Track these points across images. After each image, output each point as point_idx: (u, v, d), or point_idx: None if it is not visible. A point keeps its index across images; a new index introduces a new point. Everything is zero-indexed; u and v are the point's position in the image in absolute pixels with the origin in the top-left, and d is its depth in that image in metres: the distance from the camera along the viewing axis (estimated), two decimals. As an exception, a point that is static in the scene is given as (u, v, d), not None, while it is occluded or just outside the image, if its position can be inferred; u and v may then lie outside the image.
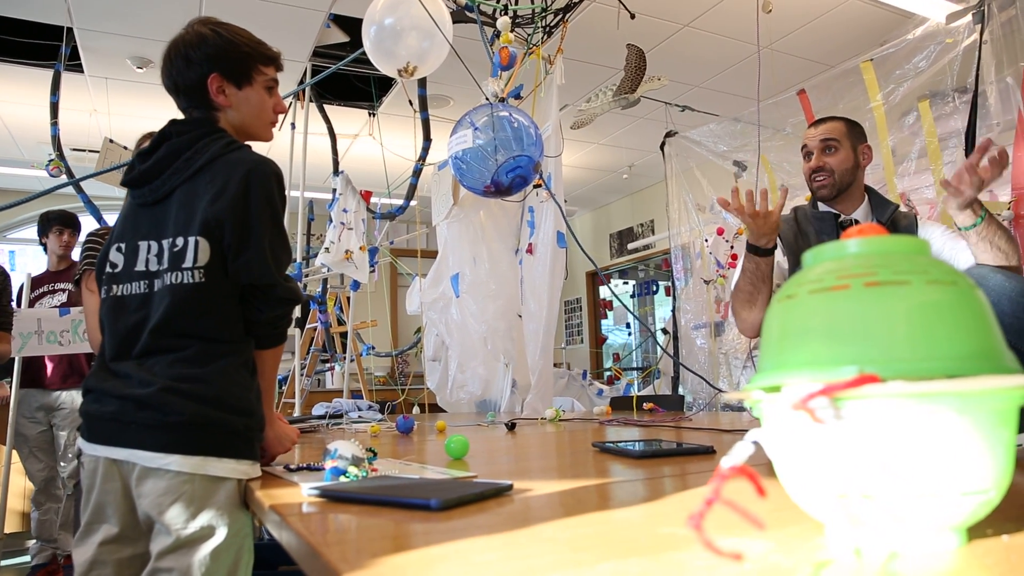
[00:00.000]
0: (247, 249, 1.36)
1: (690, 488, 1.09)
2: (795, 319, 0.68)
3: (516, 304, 3.57)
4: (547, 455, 1.75)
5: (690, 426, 2.35)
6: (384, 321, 6.74)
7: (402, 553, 0.73)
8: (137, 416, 1.30)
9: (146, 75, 4.84)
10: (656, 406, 3.27)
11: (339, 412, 2.97)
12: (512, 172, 2.31)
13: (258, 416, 1.40)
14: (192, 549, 1.27)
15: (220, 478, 1.30)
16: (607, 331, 8.66)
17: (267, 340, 1.47)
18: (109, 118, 5.52)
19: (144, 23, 4.22)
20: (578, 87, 4.87)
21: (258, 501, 1.14)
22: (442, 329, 3.80)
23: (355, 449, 1.24)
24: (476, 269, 3.58)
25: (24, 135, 5.93)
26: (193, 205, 1.38)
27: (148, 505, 1.30)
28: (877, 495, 0.59)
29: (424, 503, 0.92)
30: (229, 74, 1.47)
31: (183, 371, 1.32)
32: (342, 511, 0.98)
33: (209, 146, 1.42)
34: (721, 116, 4.70)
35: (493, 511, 0.94)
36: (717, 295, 4.32)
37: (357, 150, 5.99)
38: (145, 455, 1.30)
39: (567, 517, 0.88)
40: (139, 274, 1.41)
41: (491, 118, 2.32)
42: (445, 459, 1.59)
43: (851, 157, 2.18)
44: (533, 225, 3.32)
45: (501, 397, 3.76)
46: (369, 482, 1.13)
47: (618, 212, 8.28)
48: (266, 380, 1.48)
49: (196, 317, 1.35)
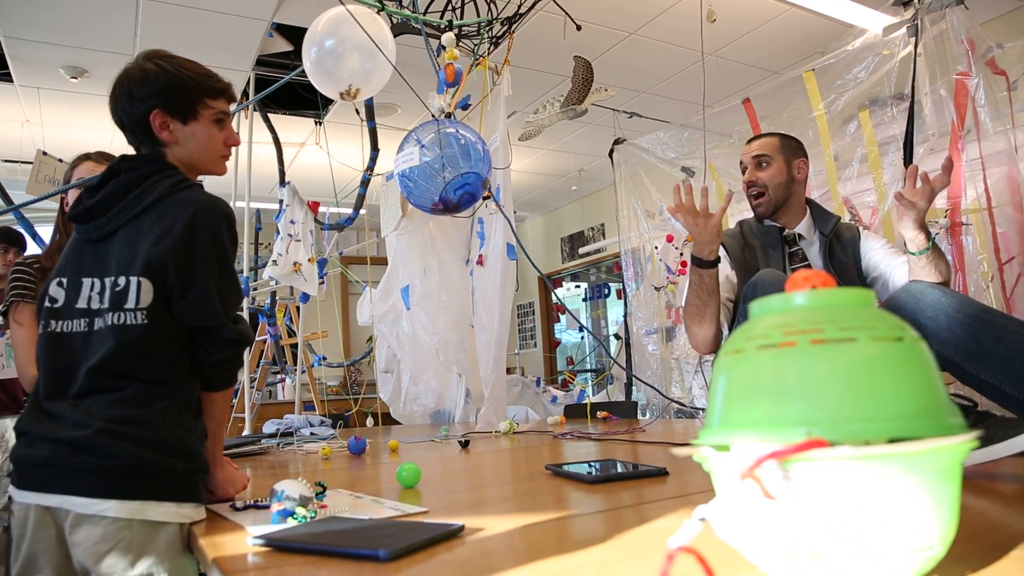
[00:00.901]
0: (191, 291, 1.32)
1: (645, 521, 1.08)
2: (742, 375, 0.68)
3: (468, 315, 3.55)
4: (501, 480, 1.74)
5: (644, 439, 2.37)
6: (335, 331, 6.65)
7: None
8: (70, 461, 1.24)
9: (80, 85, 4.67)
10: (610, 414, 3.28)
11: (290, 429, 2.91)
12: (460, 189, 2.29)
13: (201, 458, 1.35)
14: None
15: (160, 523, 1.24)
16: (560, 334, 8.70)
17: (216, 382, 1.42)
18: (42, 128, 5.32)
19: (78, 32, 4.08)
20: (526, 95, 4.88)
21: (201, 550, 1.10)
22: (393, 342, 3.76)
23: (303, 488, 1.21)
24: (427, 280, 3.54)
25: (-49, 146, 5.69)
26: (136, 245, 1.34)
27: (83, 554, 1.24)
28: (825, 555, 0.59)
29: (372, 554, 0.90)
30: (172, 109, 1.42)
31: (121, 412, 1.26)
32: (288, 562, 0.95)
33: (157, 184, 1.38)
34: (669, 123, 4.75)
35: (444, 559, 0.92)
36: (668, 300, 4.36)
37: (304, 159, 5.90)
38: (79, 501, 1.23)
39: (520, 565, 0.87)
40: (80, 311, 1.35)
41: (438, 135, 2.30)
42: (397, 488, 1.57)
43: (784, 171, 2.23)
44: (483, 236, 3.30)
45: (455, 407, 3.74)
46: (316, 526, 1.10)
47: (569, 216, 8.32)
48: (215, 422, 1.44)
49: (137, 359, 1.30)
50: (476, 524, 1.09)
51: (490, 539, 1.02)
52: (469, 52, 3.28)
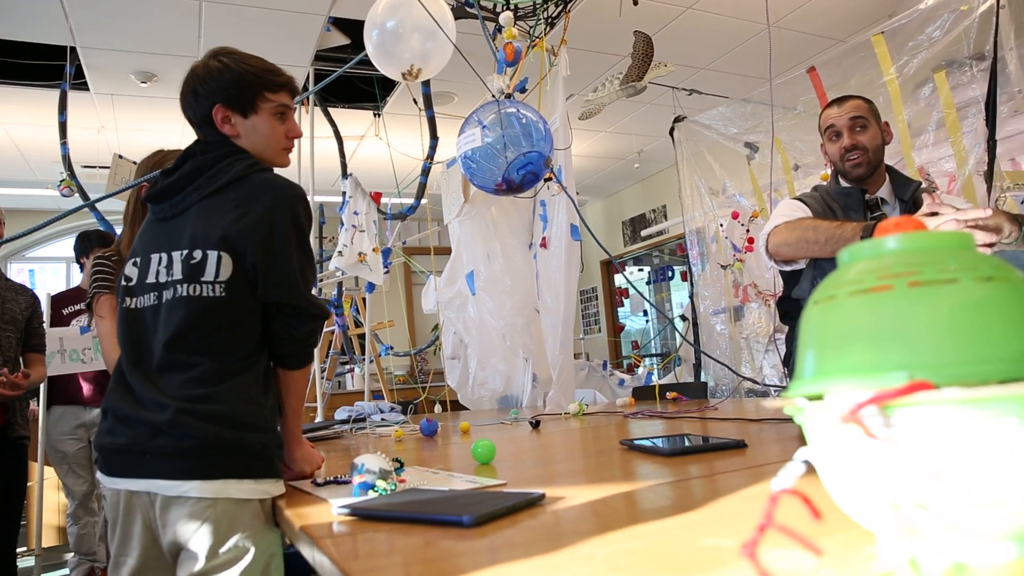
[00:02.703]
0: (275, 269, 1.36)
1: (726, 490, 1.06)
2: (835, 323, 0.65)
3: (533, 299, 3.55)
4: (575, 456, 1.73)
5: (716, 416, 2.32)
6: (401, 320, 6.74)
7: (447, 574, 0.71)
8: (151, 445, 1.29)
9: (150, 89, 4.84)
10: (679, 395, 3.24)
11: (362, 416, 2.96)
12: (523, 169, 2.28)
13: (274, 433, 1.39)
14: (221, 573, 1.26)
15: (243, 500, 1.29)
16: (624, 319, 8.62)
17: (296, 359, 1.45)
18: (117, 134, 5.54)
19: (145, 38, 4.22)
20: (583, 76, 4.83)
21: (288, 521, 1.13)
22: (460, 327, 3.78)
23: (382, 462, 1.23)
24: (491, 266, 3.55)
25: (36, 155, 5.97)
26: (214, 220, 1.38)
27: (173, 534, 1.29)
28: (932, 505, 0.56)
29: (456, 520, 0.91)
30: (233, 104, 1.46)
31: (195, 391, 1.30)
32: (373, 530, 0.96)
33: (232, 165, 1.42)
34: (730, 98, 4.64)
35: (527, 525, 0.92)
36: (735, 279, 4.27)
37: (364, 151, 5.98)
38: (164, 484, 1.28)
39: (603, 531, 0.86)
40: (149, 286, 1.41)
41: (499, 115, 2.29)
42: (472, 464, 1.58)
43: (879, 135, 2.14)
44: (546, 219, 3.29)
45: (522, 392, 3.75)
46: (398, 497, 1.12)
47: (629, 199, 8.22)
48: (294, 400, 1.47)
49: (211, 332, 1.34)
50: (556, 494, 1.09)
51: (572, 507, 1.01)
52: (525, 34, 3.26)
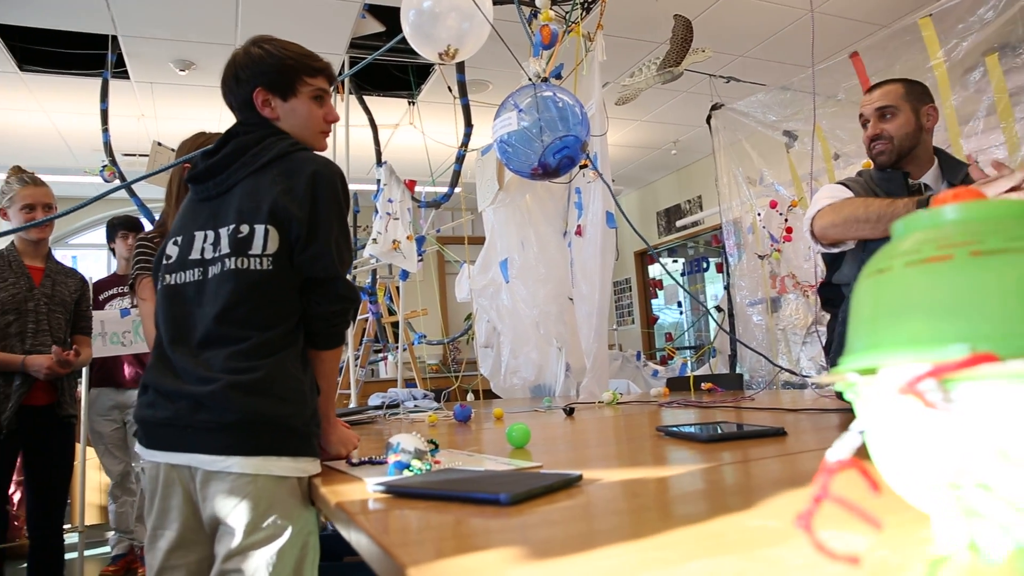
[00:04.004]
0: (314, 243, 1.38)
1: (766, 476, 1.04)
2: (890, 294, 0.63)
3: (567, 287, 3.53)
4: (610, 441, 1.72)
5: (753, 406, 2.29)
6: (434, 309, 6.76)
7: (477, 552, 0.70)
8: (193, 419, 1.31)
9: (188, 77, 4.90)
10: (715, 386, 3.20)
11: (395, 402, 2.97)
12: (559, 153, 2.26)
13: (312, 409, 1.39)
14: (259, 550, 1.27)
15: (282, 477, 1.30)
16: (657, 311, 8.55)
17: (325, 339, 1.45)
18: (156, 121, 5.62)
19: (184, 26, 4.27)
20: (619, 63, 4.78)
21: (323, 498, 1.13)
22: (493, 315, 3.78)
23: (417, 442, 1.22)
24: (525, 253, 3.53)
25: (78, 143, 6.09)
26: (259, 196, 1.40)
27: (213, 508, 1.30)
28: (996, 485, 0.54)
29: (493, 498, 0.90)
30: (273, 87, 1.50)
31: (240, 364, 1.32)
32: (409, 507, 0.96)
33: (275, 144, 1.46)
34: (767, 85, 4.55)
35: (564, 504, 0.91)
36: (772, 270, 4.20)
37: (399, 139, 5.99)
38: (205, 458, 1.30)
39: (642, 511, 0.84)
40: (193, 262, 1.43)
41: (535, 99, 2.27)
42: (506, 448, 1.57)
43: (912, 120, 2.07)
44: (581, 206, 3.26)
45: (555, 381, 3.73)
46: (434, 476, 1.11)
47: (665, 189, 8.14)
48: (326, 381, 1.48)
49: (259, 306, 1.36)
50: (593, 476, 1.07)
51: (609, 487, 1.00)
52: (561, 19, 3.23)
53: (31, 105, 5.36)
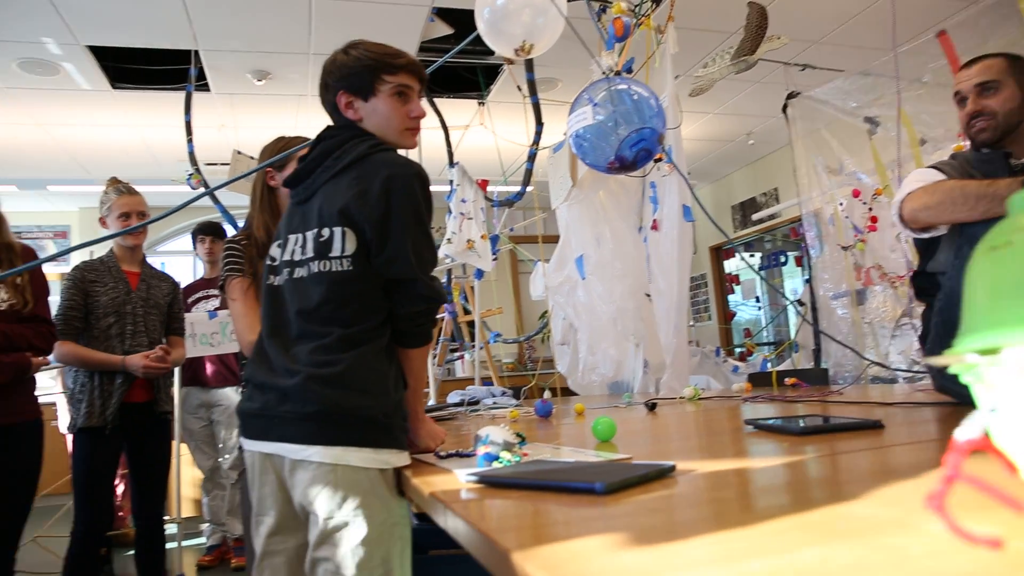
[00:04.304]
0: (388, 245, 1.39)
1: (867, 468, 1.00)
2: (1011, 272, 0.60)
3: (643, 283, 3.48)
4: (699, 434, 1.69)
5: (842, 400, 2.21)
6: (508, 308, 6.79)
7: (578, 539, 0.70)
8: (279, 410, 1.36)
9: (265, 87, 5.06)
10: (799, 381, 3.10)
11: (475, 399, 3.00)
12: (636, 146, 2.23)
13: (396, 403, 1.41)
14: (341, 538, 1.30)
15: (362, 468, 1.32)
16: (734, 306, 8.37)
17: (411, 338, 1.48)
18: (236, 131, 5.83)
19: (260, 38, 4.41)
20: (690, 55, 4.70)
21: (416, 488, 1.15)
22: (570, 312, 3.76)
23: (506, 434, 1.23)
24: (600, 250, 3.51)
25: (164, 154, 6.38)
26: (336, 199, 1.43)
27: (300, 496, 1.35)
28: None
29: (588, 487, 0.89)
30: (354, 89, 1.52)
31: (322, 358, 1.36)
32: (503, 496, 0.96)
33: (355, 146, 1.48)
34: (845, 71, 4.39)
35: (660, 494, 0.90)
36: (856, 261, 4.05)
37: (470, 140, 6.05)
38: (290, 447, 1.35)
39: (743, 499, 0.82)
40: (286, 263, 1.49)
41: (609, 92, 2.25)
42: (591, 442, 1.56)
43: (1016, 96, 1.94)
44: (656, 201, 3.22)
45: (633, 378, 3.69)
46: (525, 467, 1.11)
47: (739, 183, 7.96)
48: (414, 378, 1.50)
49: (342, 304, 1.39)
50: (686, 467, 1.06)
51: (705, 477, 0.98)
52: (631, 12, 3.19)
53: (122, 120, 5.64)
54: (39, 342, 2.30)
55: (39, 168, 6.55)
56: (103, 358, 2.66)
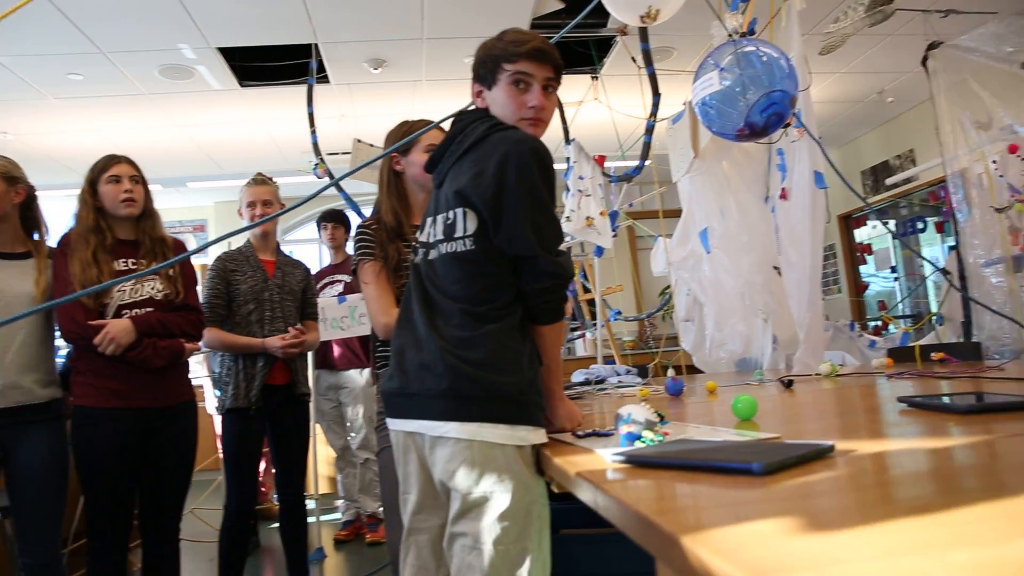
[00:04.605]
0: (504, 223, 1.39)
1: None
2: None
3: (772, 255, 3.33)
4: (847, 412, 1.59)
5: (1003, 376, 2.04)
6: (627, 285, 6.69)
7: (746, 523, 0.66)
8: (416, 388, 1.39)
9: (382, 75, 5.17)
10: (947, 355, 2.89)
11: (600, 378, 2.97)
12: (767, 110, 2.12)
13: (530, 381, 1.40)
14: (478, 513, 1.31)
15: (498, 444, 1.32)
16: (867, 278, 7.89)
17: (540, 315, 1.46)
18: (355, 120, 6.00)
19: (375, 26, 4.50)
20: (818, 10, 4.42)
21: (559, 468, 1.14)
22: (695, 287, 3.66)
23: (647, 413, 1.20)
24: (725, 222, 3.38)
25: (288, 146, 6.67)
26: (458, 181, 1.45)
27: (439, 472, 1.37)
28: None
29: (745, 467, 0.85)
30: (480, 78, 1.54)
31: (456, 335, 1.38)
32: (654, 477, 0.93)
33: (476, 128, 1.49)
34: (998, 13, 4.00)
35: (823, 475, 0.84)
36: (1012, 224, 3.70)
37: (584, 116, 5.96)
38: (428, 424, 1.37)
39: (921, 483, 0.76)
40: (422, 244, 1.54)
41: (736, 55, 2.14)
42: (729, 420, 1.51)
43: None
44: (784, 168, 3.05)
45: (762, 354, 3.56)
46: (671, 446, 1.08)
47: (869, 146, 7.47)
48: (548, 356, 1.48)
49: (469, 283, 1.41)
50: (844, 447, 0.99)
51: (867, 458, 0.92)
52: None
53: (250, 116, 5.94)
54: (190, 329, 2.46)
55: (178, 166, 7.01)
56: (245, 342, 2.81)
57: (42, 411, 2.26)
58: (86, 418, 2.28)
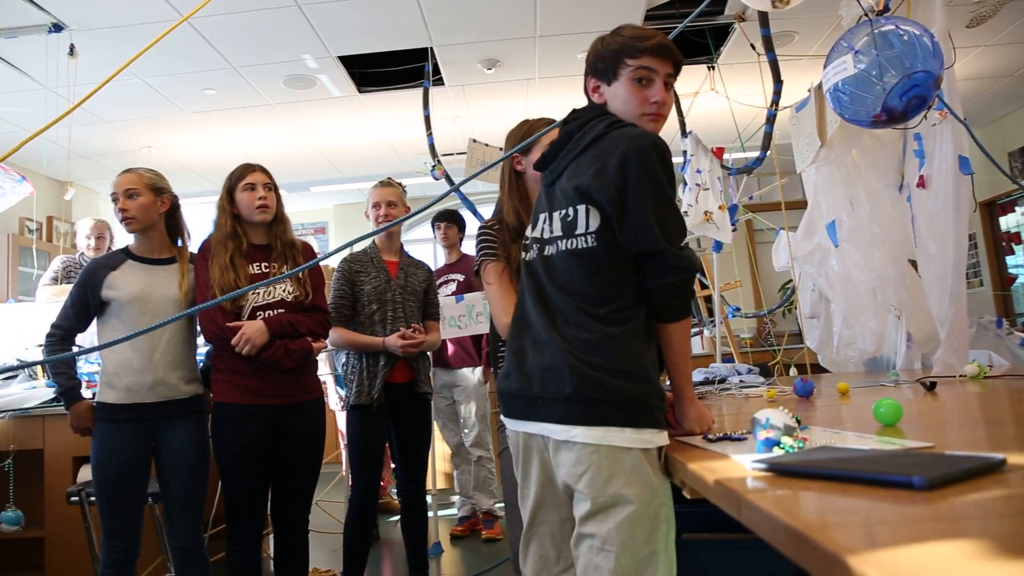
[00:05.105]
0: (630, 219, 1.37)
1: None
2: None
3: (907, 247, 3.12)
4: (1007, 420, 1.46)
5: None
6: (745, 280, 6.46)
7: (917, 544, 0.60)
8: (537, 391, 1.39)
9: (495, 75, 5.22)
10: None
11: (721, 377, 2.88)
12: (907, 94, 1.97)
13: (654, 383, 1.37)
14: (607, 516, 1.30)
15: (624, 448, 1.31)
16: (1014, 269, 7.26)
17: (666, 312, 1.43)
18: (469, 120, 6.10)
19: (488, 27, 4.54)
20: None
21: (694, 474, 1.10)
22: (821, 282, 3.48)
23: (785, 418, 1.14)
24: (855, 213, 3.19)
25: (404, 149, 6.86)
26: (578, 179, 1.44)
27: (564, 475, 1.36)
28: None
29: (905, 480, 0.79)
30: (599, 74, 1.52)
31: (578, 336, 1.36)
32: (800, 487, 0.88)
33: (595, 127, 1.48)
34: None
35: (996, 493, 0.77)
36: None
37: (700, 107, 5.81)
38: (553, 428, 1.36)
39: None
40: (536, 241, 1.53)
41: (872, 36, 2.01)
42: (869, 425, 1.42)
43: None
44: (922, 154, 2.84)
45: (895, 353, 3.34)
46: (814, 454, 1.02)
47: (1016, 126, 6.88)
48: (675, 354, 1.45)
49: (589, 281, 1.40)
50: (1018, 461, 0.90)
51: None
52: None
53: (367, 121, 6.14)
54: (318, 329, 2.56)
55: (302, 172, 7.34)
56: (368, 340, 2.90)
57: (186, 406, 2.41)
58: (225, 413, 2.42)
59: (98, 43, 4.32)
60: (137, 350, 2.34)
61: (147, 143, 6.27)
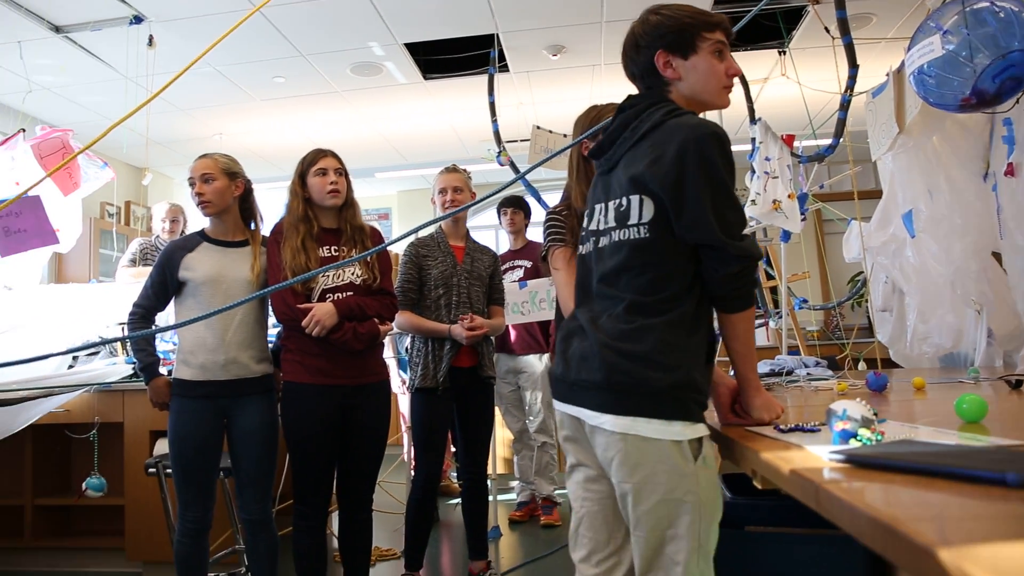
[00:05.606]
0: (686, 210, 1.36)
1: None
2: None
3: (991, 239, 2.98)
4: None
5: None
6: (813, 271, 6.30)
7: (1014, 541, 0.58)
8: (576, 376, 1.43)
9: (560, 61, 5.18)
10: None
11: (788, 369, 2.82)
12: (1002, 75, 1.87)
13: (689, 375, 1.35)
14: (629, 503, 1.35)
15: (651, 439, 1.32)
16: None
17: (729, 302, 1.42)
18: (533, 107, 6.08)
19: (554, 13, 4.51)
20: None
21: (768, 463, 1.08)
22: (896, 275, 3.36)
23: (863, 409, 1.12)
24: (934, 203, 3.06)
25: (468, 135, 6.89)
26: (633, 168, 1.44)
27: (600, 456, 1.41)
28: None
29: (997, 477, 0.76)
30: (673, 47, 1.50)
31: (618, 327, 1.38)
32: (880, 480, 0.86)
33: (652, 114, 1.47)
34: None
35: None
36: None
37: (770, 93, 5.66)
38: (587, 413, 1.40)
39: None
40: (591, 232, 1.55)
41: (963, 15, 1.92)
42: (949, 421, 1.37)
43: None
44: (1012, 140, 2.70)
45: (974, 350, 3.21)
46: (895, 447, 0.99)
47: (1108, 112, 6.50)
48: (737, 344, 1.45)
49: (639, 272, 1.40)
50: (1117, 459, 0.86)
51: None
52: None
53: (432, 108, 6.18)
54: (385, 312, 2.60)
55: (367, 158, 7.44)
56: (434, 326, 2.94)
57: (256, 384, 2.49)
58: (294, 392, 2.49)
59: (175, 34, 4.46)
60: (211, 329, 2.42)
61: (218, 130, 6.46)
